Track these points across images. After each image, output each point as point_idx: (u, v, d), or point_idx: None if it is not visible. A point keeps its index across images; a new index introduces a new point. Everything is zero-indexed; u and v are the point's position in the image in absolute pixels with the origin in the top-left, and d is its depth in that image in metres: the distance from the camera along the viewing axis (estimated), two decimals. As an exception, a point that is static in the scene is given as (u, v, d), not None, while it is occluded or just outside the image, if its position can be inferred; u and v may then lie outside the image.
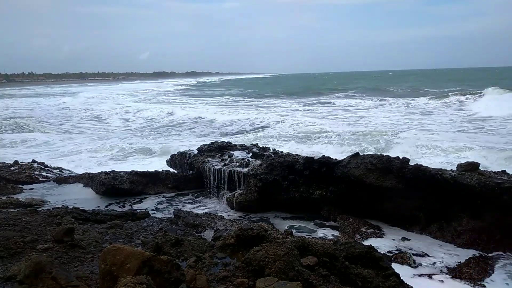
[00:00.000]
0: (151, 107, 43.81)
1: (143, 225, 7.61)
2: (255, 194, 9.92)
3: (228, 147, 12.79)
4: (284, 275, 3.77)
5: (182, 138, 25.21)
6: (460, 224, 8.01)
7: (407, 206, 8.64)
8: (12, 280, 4.24)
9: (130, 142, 22.32)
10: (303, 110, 39.32)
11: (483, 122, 26.55)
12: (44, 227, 6.71)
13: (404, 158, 8.77)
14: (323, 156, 9.92)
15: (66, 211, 8.17)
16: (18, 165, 13.80)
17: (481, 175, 7.99)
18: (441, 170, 8.40)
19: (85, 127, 33.36)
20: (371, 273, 4.48)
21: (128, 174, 11.67)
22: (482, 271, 6.91)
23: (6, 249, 5.39)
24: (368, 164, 8.83)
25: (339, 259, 4.44)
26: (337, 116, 32.71)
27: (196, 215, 8.86)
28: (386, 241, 8.18)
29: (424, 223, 8.52)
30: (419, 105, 38.63)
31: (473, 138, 20.48)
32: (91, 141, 23.96)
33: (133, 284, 3.10)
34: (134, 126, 33.39)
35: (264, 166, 10.14)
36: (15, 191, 11.28)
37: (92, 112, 43.00)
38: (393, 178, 8.60)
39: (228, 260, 4.61)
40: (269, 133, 24.38)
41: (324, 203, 9.63)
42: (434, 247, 7.91)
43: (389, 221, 8.94)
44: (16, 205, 9.32)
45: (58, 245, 5.41)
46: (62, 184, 12.48)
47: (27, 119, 35.53)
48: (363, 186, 8.89)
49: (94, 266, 4.82)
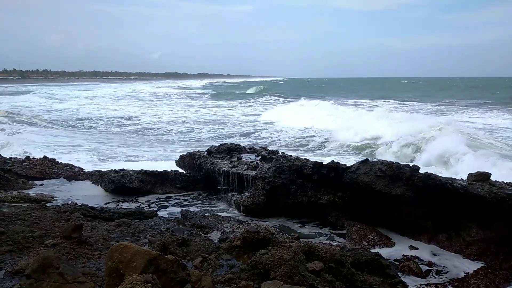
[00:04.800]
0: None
1: (150, 224, 7.65)
2: (263, 197, 9.91)
3: (237, 149, 12.81)
4: (290, 279, 3.76)
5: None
6: (469, 234, 7.90)
7: (416, 215, 8.56)
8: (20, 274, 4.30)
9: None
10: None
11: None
12: (53, 223, 6.78)
13: (414, 166, 8.69)
14: (332, 161, 9.87)
15: (75, 208, 8.25)
16: (29, 160, 13.98)
17: (492, 185, 7.89)
18: (451, 179, 8.31)
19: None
20: (377, 280, 4.45)
21: (137, 173, 11.74)
22: (491, 283, 6.82)
23: (15, 243, 5.46)
24: (378, 171, 8.77)
25: (346, 265, 4.42)
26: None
27: (203, 216, 8.87)
28: (393, 249, 8.11)
29: (432, 232, 8.42)
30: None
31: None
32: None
33: (138, 282, 3.12)
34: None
35: (272, 169, 10.13)
36: (25, 186, 11.41)
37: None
38: (402, 186, 8.52)
39: (234, 262, 4.61)
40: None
41: (332, 209, 9.58)
42: (442, 256, 7.81)
43: (397, 229, 8.86)
44: (26, 200, 9.42)
45: (66, 241, 5.46)
46: (72, 180, 12.60)
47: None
48: (371, 193, 8.82)
49: (101, 263, 4.85)
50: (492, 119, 36.80)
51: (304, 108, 44.81)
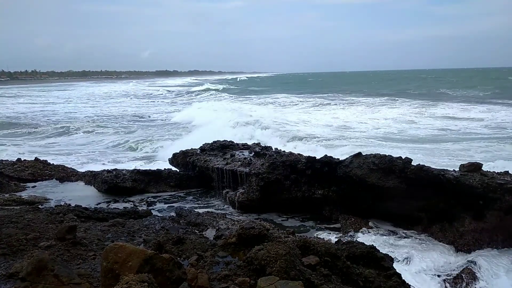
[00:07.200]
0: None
1: (145, 223, 7.63)
2: (257, 193, 9.92)
3: (231, 146, 12.80)
4: (286, 274, 3.77)
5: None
6: (462, 225, 7.98)
7: (409, 207, 8.62)
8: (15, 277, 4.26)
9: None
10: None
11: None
12: (47, 225, 6.73)
13: (407, 158, 8.75)
14: (325, 156, 9.91)
15: (68, 209, 8.20)
16: (21, 162, 13.83)
17: (484, 175, 7.97)
18: (443, 171, 8.38)
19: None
20: (372, 273, 4.48)
21: (130, 173, 11.70)
22: (484, 272, 6.90)
23: (8, 246, 5.41)
24: (371, 164, 8.82)
25: (341, 258, 4.44)
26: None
27: (198, 214, 8.86)
28: (388, 241, 8.17)
29: (426, 223, 8.50)
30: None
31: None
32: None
33: (134, 282, 3.11)
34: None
35: (266, 165, 10.14)
36: (17, 189, 11.31)
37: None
38: (395, 178, 8.58)
39: (230, 259, 4.61)
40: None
41: (326, 203, 9.62)
42: (436, 247, 7.89)
43: (391, 221, 8.93)
44: (19, 202, 9.34)
45: (60, 243, 5.43)
46: (65, 182, 12.51)
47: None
48: (365, 186, 8.87)
49: (96, 264, 4.83)
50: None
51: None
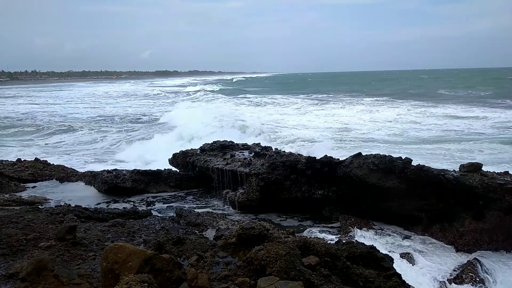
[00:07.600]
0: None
1: (145, 223, 7.63)
2: (257, 194, 9.92)
3: (231, 146, 12.80)
4: (286, 274, 3.77)
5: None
6: (462, 225, 7.98)
7: (409, 207, 8.62)
8: (15, 278, 4.26)
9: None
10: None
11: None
12: (47, 225, 6.74)
13: (407, 159, 8.75)
14: (325, 156, 9.90)
15: (68, 209, 8.20)
16: (20, 162, 13.83)
17: (484, 176, 7.97)
18: (443, 171, 8.38)
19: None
20: (372, 273, 4.48)
21: (130, 173, 11.69)
22: (484, 272, 6.90)
23: (8, 246, 5.41)
24: (370, 164, 8.82)
25: (341, 259, 4.44)
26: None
27: (198, 214, 8.86)
28: (388, 242, 8.16)
29: (426, 223, 8.49)
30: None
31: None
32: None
33: (134, 282, 3.11)
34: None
35: (266, 165, 10.14)
36: (17, 189, 11.31)
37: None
38: (395, 179, 8.58)
39: (230, 259, 4.61)
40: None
41: (326, 203, 9.62)
42: (436, 248, 7.89)
43: (391, 221, 8.93)
44: (19, 203, 9.34)
45: (60, 243, 5.44)
46: (65, 182, 12.52)
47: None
48: (365, 186, 8.87)
49: (96, 264, 4.83)
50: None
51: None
